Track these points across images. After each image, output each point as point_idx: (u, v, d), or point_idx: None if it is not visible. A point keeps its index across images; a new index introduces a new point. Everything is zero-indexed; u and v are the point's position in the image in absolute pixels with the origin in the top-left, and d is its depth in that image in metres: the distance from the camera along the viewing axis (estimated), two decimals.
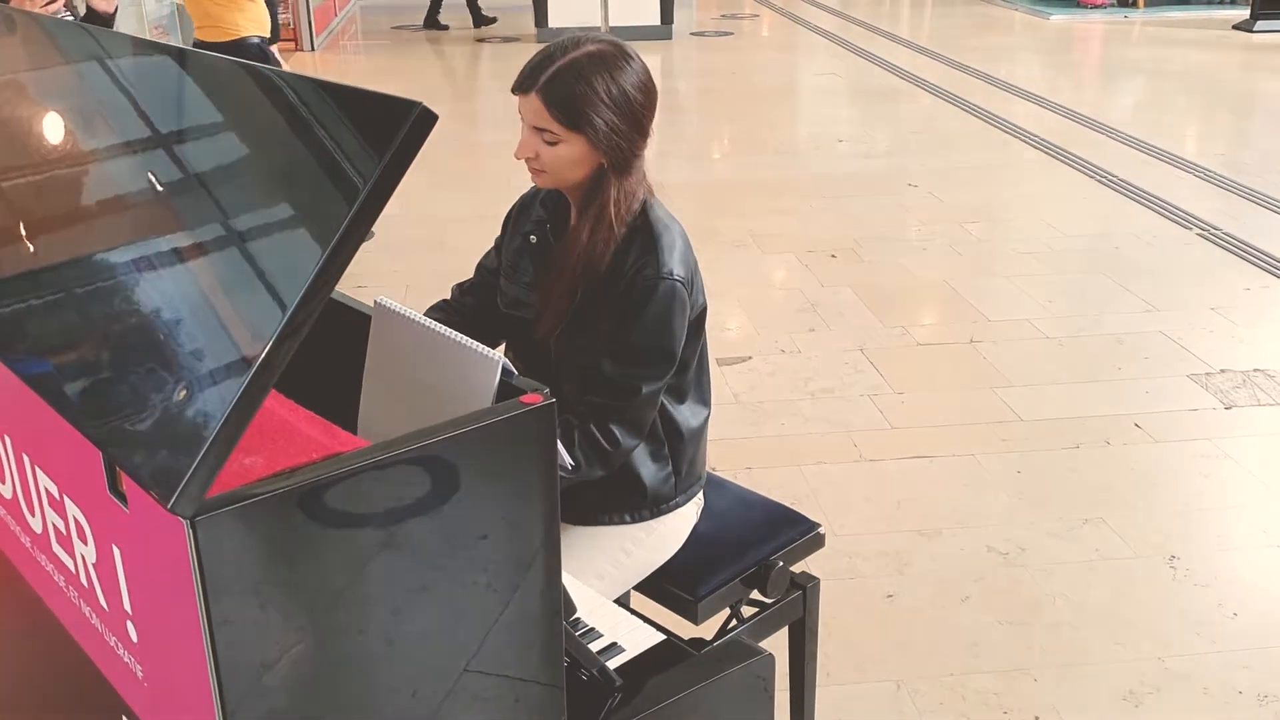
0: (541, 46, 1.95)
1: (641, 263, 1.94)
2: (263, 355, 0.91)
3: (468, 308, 2.21)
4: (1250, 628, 2.84)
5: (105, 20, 4.41)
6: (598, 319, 1.98)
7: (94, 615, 1.22)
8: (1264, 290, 4.93)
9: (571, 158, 1.90)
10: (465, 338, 1.23)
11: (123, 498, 1.04)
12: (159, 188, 1.10)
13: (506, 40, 11.29)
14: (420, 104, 0.95)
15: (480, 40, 11.50)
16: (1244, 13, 11.27)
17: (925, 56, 10.25)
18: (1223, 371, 4.18)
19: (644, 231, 1.97)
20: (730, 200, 6.22)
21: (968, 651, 2.79)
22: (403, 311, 1.33)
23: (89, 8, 4.42)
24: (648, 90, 1.93)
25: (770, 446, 3.69)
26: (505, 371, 1.20)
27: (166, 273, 1.06)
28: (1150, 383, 4.12)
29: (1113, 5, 12.33)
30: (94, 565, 1.17)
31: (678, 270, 1.94)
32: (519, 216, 2.17)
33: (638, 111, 1.91)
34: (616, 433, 1.93)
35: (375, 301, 1.40)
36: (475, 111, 9.13)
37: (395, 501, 1.07)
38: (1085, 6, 12.26)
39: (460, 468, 1.11)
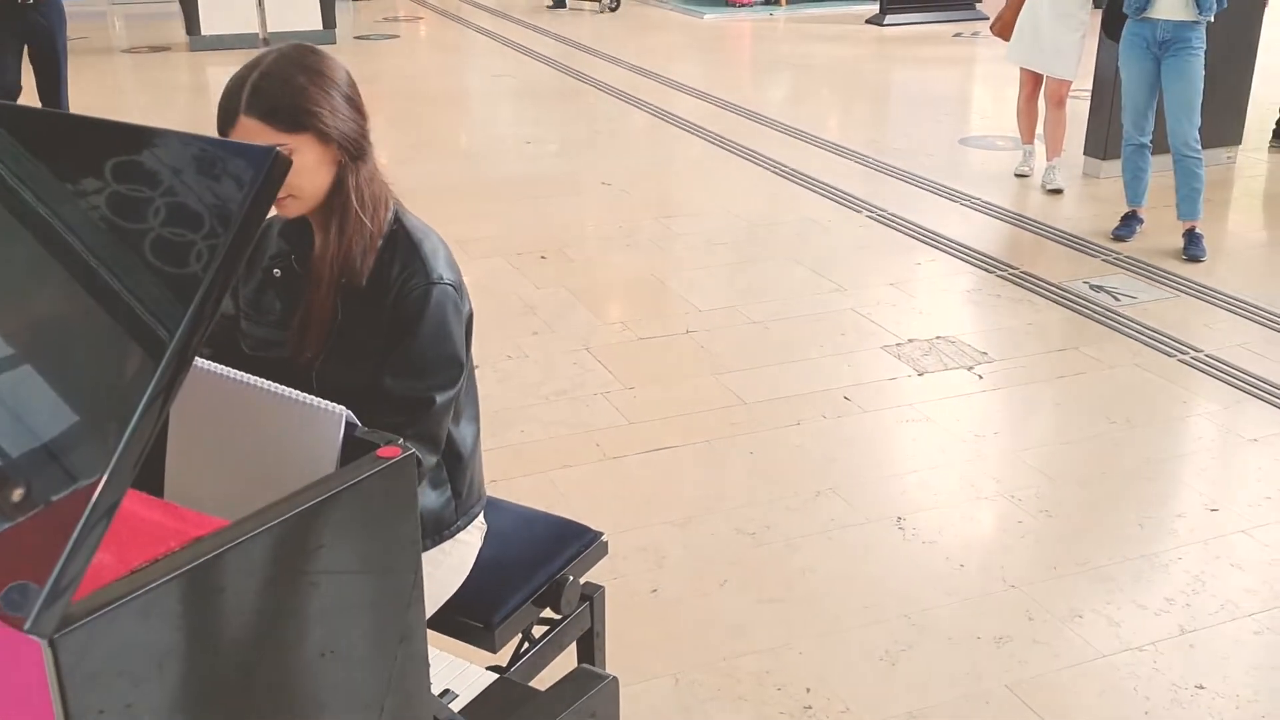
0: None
1: (408, 273, 1.89)
2: (126, 437, 0.80)
3: (205, 359, 2.06)
4: (977, 576, 3.12)
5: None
6: (365, 339, 1.90)
7: None
8: (932, 264, 5.41)
9: (310, 164, 1.82)
10: (298, 392, 1.14)
11: None
12: None
13: (155, 50, 10.53)
14: (275, 149, 0.87)
15: (126, 51, 10.68)
16: (874, 8, 12.28)
17: (593, 56, 10.49)
18: (910, 341, 4.55)
19: (402, 240, 1.93)
20: (427, 207, 6.03)
21: (734, 635, 2.89)
22: (212, 368, 1.22)
23: None
24: (340, 67, 1.89)
25: (513, 455, 3.67)
26: (348, 424, 1.13)
27: None
28: (850, 357, 4.43)
29: (759, 3, 13.09)
30: None
31: (447, 275, 1.93)
32: (252, 254, 2.04)
33: (345, 89, 1.86)
34: (416, 452, 1.86)
35: None
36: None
37: (262, 579, 0.98)
38: (734, 5, 12.95)
39: (326, 533, 1.02)
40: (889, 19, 11.88)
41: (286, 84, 1.80)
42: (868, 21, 12.12)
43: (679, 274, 5.26)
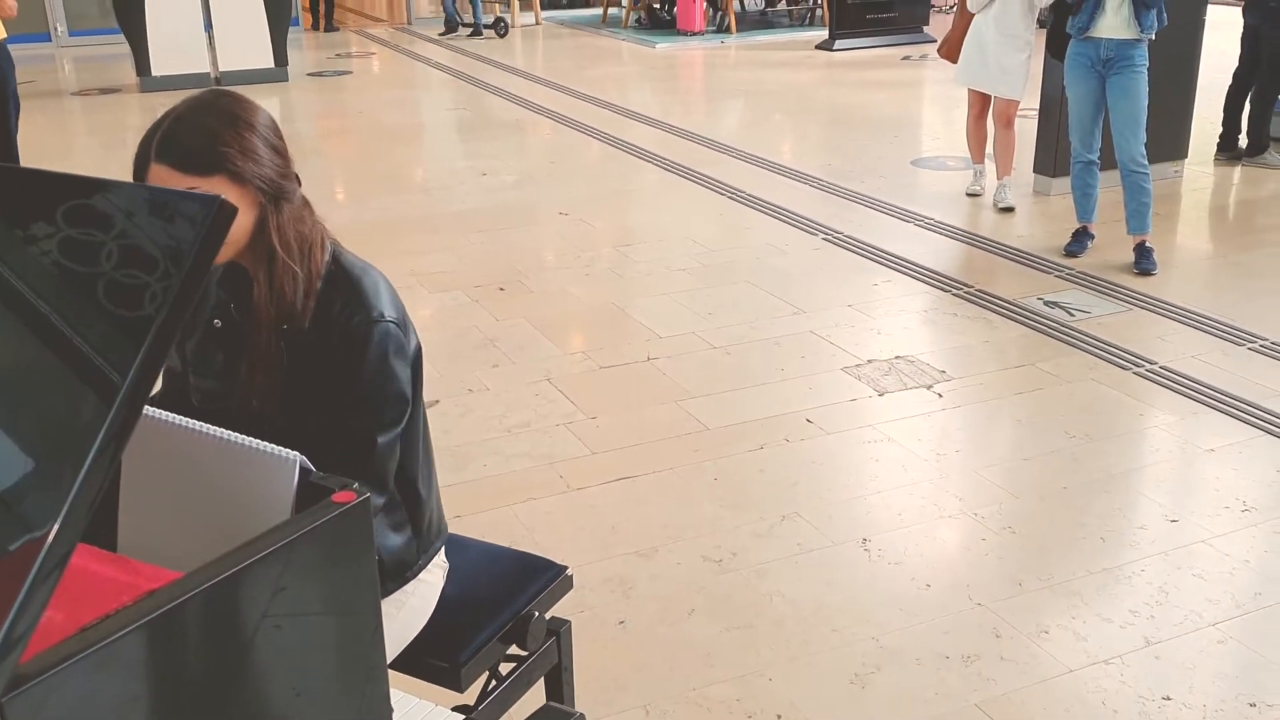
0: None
1: (349, 310, 1.88)
2: (78, 483, 0.79)
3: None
4: (942, 596, 3.13)
5: None
6: (314, 383, 1.88)
7: None
8: (888, 284, 5.45)
9: None
10: (252, 439, 1.13)
11: None
12: None
13: (105, 92, 10.45)
14: (219, 198, 0.87)
15: (76, 94, 10.58)
16: (824, 33, 12.43)
17: (546, 88, 10.52)
18: (870, 362, 4.58)
19: (341, 279, 1.92)
20: (384, 241, 6.09)
21: (704, 663, 2.88)
22: (163, 416, 1.20)
23: None
24: (259, 110, 1.88)
25: (476, 490, 3.65)
26: (303, 470, 1.12)
27: None
28: (811, 379, 4.45)
29: (710, 32, 13.21)
30: None
31: (389, 312, 1.92)
32: (196, 307, 2.03)
33: (262, 131, 1.85)
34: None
35: None
36: (81, 172, 8.37)
37: (216, 629, 0.97)
38: (685, 34, 13.05)
39: (284, 581, 1.01)
40: (838, 44, 12.02)
41: (196, 129, 1.79)
42: (818, 47, 12.25)
43: (639, 301, 5.27)
